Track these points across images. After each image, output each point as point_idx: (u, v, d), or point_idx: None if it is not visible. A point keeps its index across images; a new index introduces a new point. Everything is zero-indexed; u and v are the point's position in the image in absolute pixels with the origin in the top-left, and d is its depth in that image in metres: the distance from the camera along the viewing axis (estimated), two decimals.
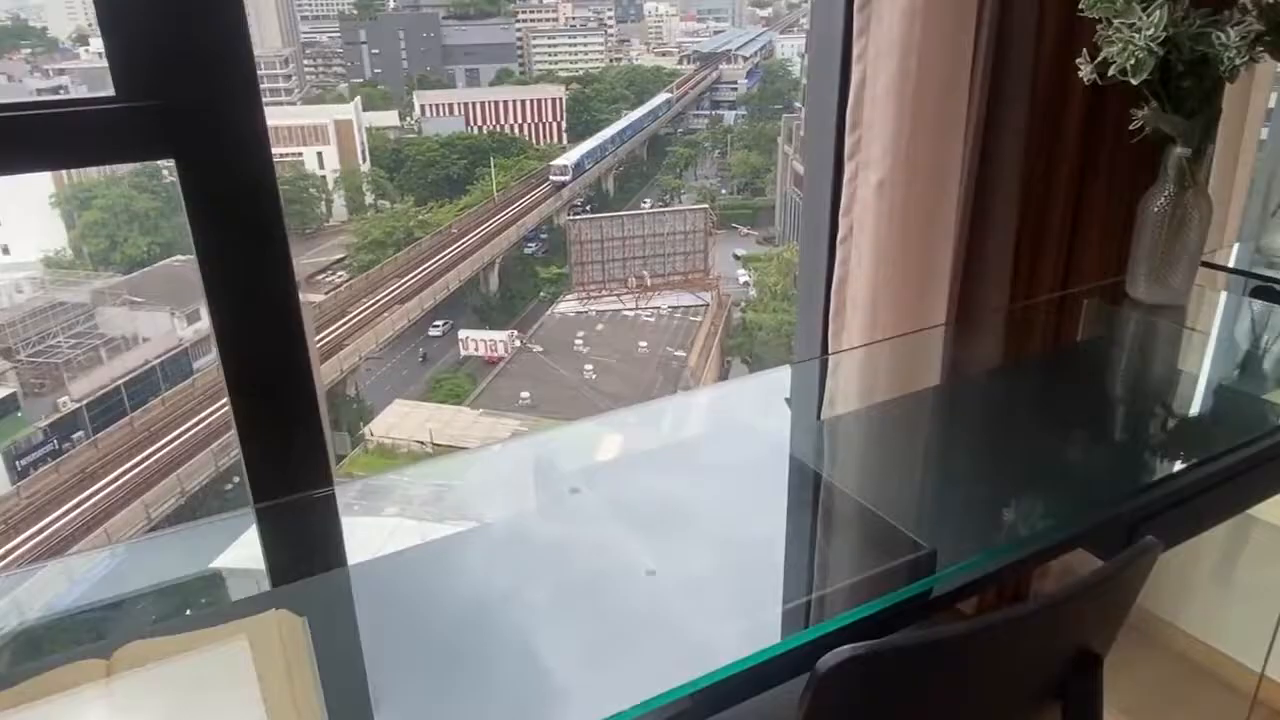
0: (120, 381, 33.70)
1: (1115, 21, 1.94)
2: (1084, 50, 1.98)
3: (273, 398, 1.81)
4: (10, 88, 68.46)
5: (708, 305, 39.31)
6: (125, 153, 1.46)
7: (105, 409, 32.30)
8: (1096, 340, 2.34)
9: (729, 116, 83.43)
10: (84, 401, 32.01)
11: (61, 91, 70.35)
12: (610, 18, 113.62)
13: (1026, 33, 2.16)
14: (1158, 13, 1.90)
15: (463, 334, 39.88)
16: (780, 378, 2.52)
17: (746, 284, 45.83)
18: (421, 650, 1.20)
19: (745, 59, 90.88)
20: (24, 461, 27.97)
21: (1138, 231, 2.20)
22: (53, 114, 1.34)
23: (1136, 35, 1.89)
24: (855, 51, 2.09)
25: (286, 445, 1.86)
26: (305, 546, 1.70)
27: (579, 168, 56.15)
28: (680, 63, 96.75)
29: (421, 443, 25.58)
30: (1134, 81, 1.95)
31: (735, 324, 42.14)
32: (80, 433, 31.01)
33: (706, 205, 51.62)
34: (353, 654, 1.22)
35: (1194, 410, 2.08)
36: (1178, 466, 1.73)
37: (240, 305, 1.69)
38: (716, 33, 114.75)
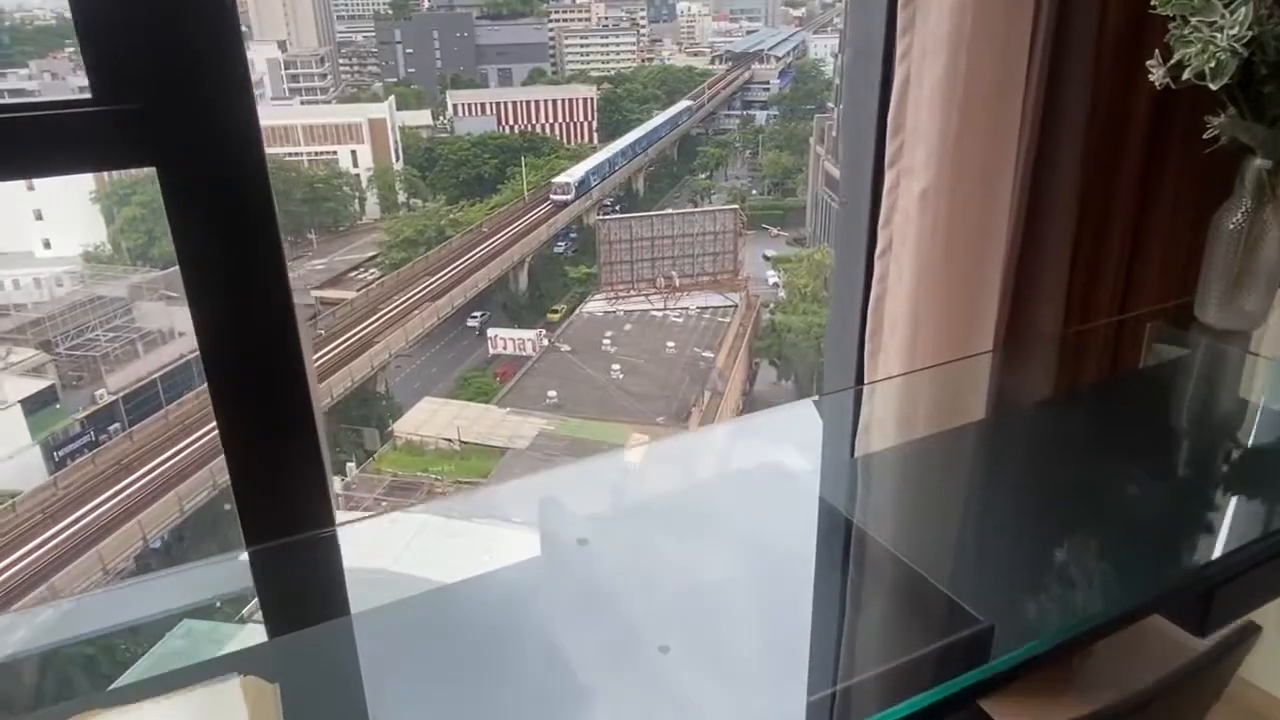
0: (156, 375, 34.23)
1: (1193, 20, 1.75)
2: (1155, 51, 1.78)
3: (266, 424, 1.68)
4: (54, 85, 70.00)
5: (736, 306, 39.05)
6: (101, 160, 1.32)
7: (141, 402, 32.82)
8: (1161, 369, 2.16)
9: (760, 117, 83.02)
10: (120, 394, 32.55)
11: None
12: (643, 17, 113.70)
13: (1087, 31, 2.00)
14: (1242, 9, 1.70)
15: (491, 332, 40.09)
16: (810, 410, 2.36)
17: (776, 285, 45.48)
18: None
19: (778, 59, 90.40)
20: (61, 453, 28.49)
21: (1209, 250, 2.01)
22: (19, 118, 1.20)
23: (1218, 35, 1.70)
24: (899, 51, 1.94)
25: (281, 473, 1.72)
26: (296, 595, 1.53)
27: (583, 185, 53.24)
28: (712, 62, 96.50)
29: (449, 440, 25.64)
30: (1214, 86, 1.76)
31: (764, 325, 41.90)
32: (116, 425, 31.53)
33: (736, 206, 51.38)
34: None
35: (1276, 451, 1.86)
36: (1260, 520, 1.53)
37: (229, 321, 1.55)
38: (749, 32, 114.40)
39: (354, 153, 61.34)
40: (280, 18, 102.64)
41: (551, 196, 52.45)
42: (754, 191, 69.32)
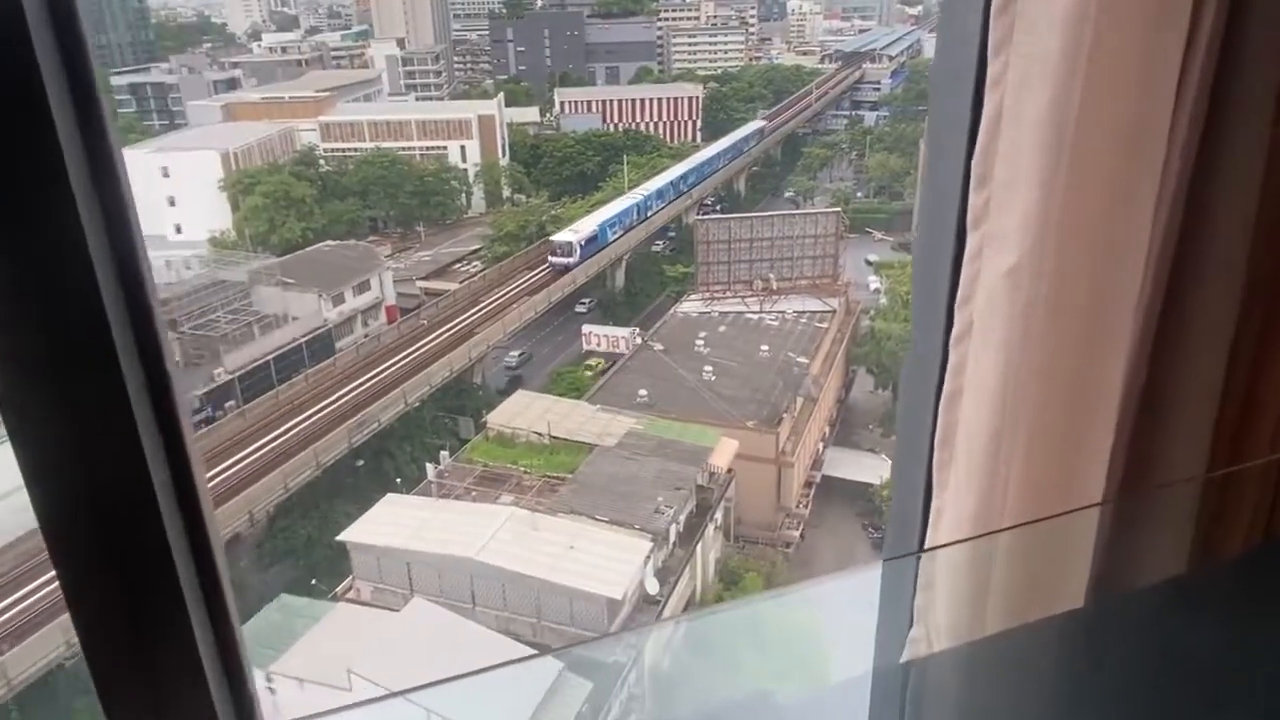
0: (270, 357, 36.04)
1: None
2: None
3: (131, 589, 1.12)
4: (191, 80, 74.24)
5: (835, 311, 38.15)
6: None
7: (255, 382, 34.59)
8: None
9: (869, 117, 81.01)
10: (237, 374, 34.38)
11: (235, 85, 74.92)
12: (752, 16, 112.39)
13: (1269, 56, 1.40)
14: None
15: (586, 329, 40.66)
16: (864, 584, 1.97)
17: (877, 291, 44.19)
18: None
19: (890, 58, 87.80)
20: None
21: None
22: None
23: None
24: (990, 75, 1.43)
25: (156, 670, 1.16)
26: None
27: (594, 241, 44.81)
28: (821, 61, 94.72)
29: (539, 434, 25.92)
30: None
31: (863, 332, 40.87)
32: (232, 402, 33.35)
33: (839, 208, 50.22)
34: None
35: None
36: None
37: (65, 443, 1.05)
38: (861, 31, 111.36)
39: (463, 148, 63.10)
40: (400, 16, 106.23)
41: (551, 258, 43.46)
42: (859, 194, 67.63)
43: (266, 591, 24.23)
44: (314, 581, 24.84)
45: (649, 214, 50.24)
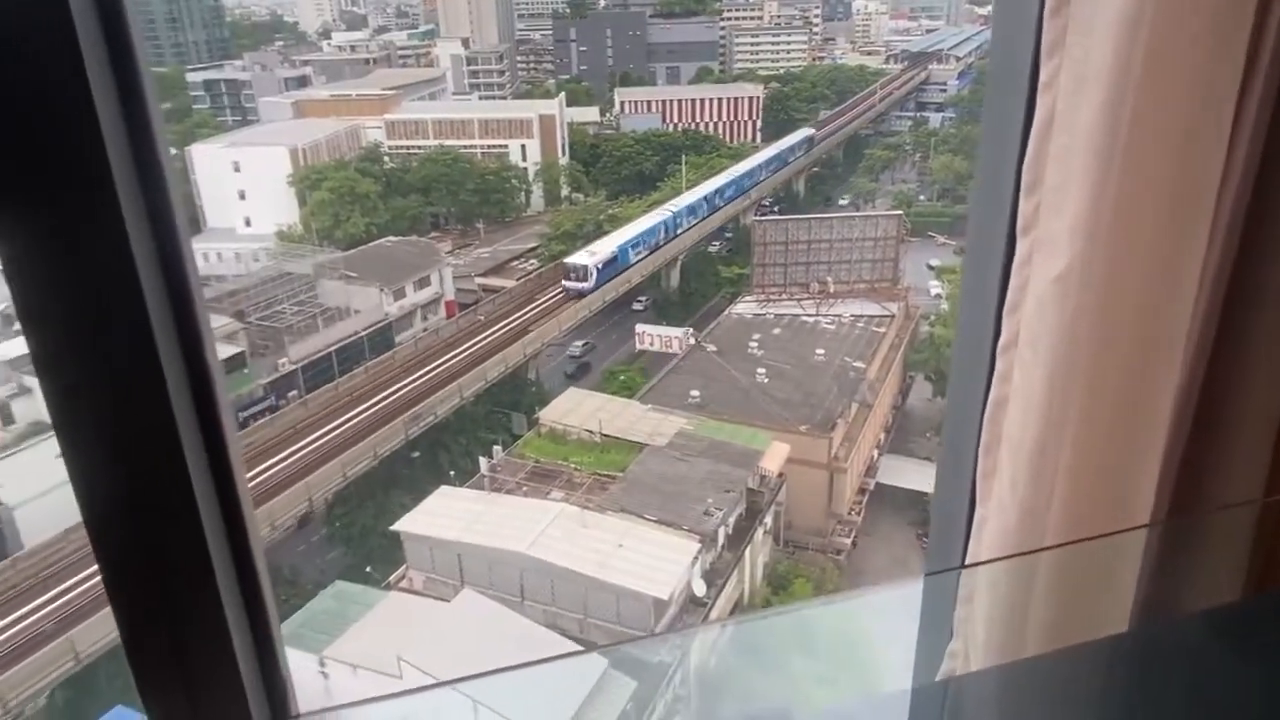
0: (332, 348, 36.96)
1: None
2: None
3: (169, 585, 1.15)
4: (263, 77, 76.39)
5: (893, 316, 37.49)
6: None
7: (317, 372, 35.48)
8: None
9: (934, 119, 79.46)
10: (300, 364, 35.33)
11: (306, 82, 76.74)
12: (816, 15, 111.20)
13: None
14: None
15: (639, 328, 40.70)
16: (907, 597, 1.91)
17: (938, 296, 43.30)
18: None
19: (958, 59, 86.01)
20: (245, 414, 31.25)
21: None
22: None
23: None
24: (1042, 78, 1.39)
25: (191, 661, 1.20)
26: None
27: (613, 263, 41.64)
28: (886, 62, 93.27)
29: (591, 431, 26.07)
30: None
31: (922, 338, 40.08)
32: (294, 392, 34.27)
33: (901, 211, 49.31)
34: None
35: None
36: None
37: (108, 442, 1.07)
38: (929, 31, 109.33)
39: (524, 147, 63.82)
40: (465, 16, 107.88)
41: (565, 282, 40.21)
42: (921, 197, 66.44)
43: (322, 578, 24.86)
44: (368, 569, 25.40)
45: (678, 231, 47.34)
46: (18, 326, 1.00)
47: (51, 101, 0.89)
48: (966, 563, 1.54)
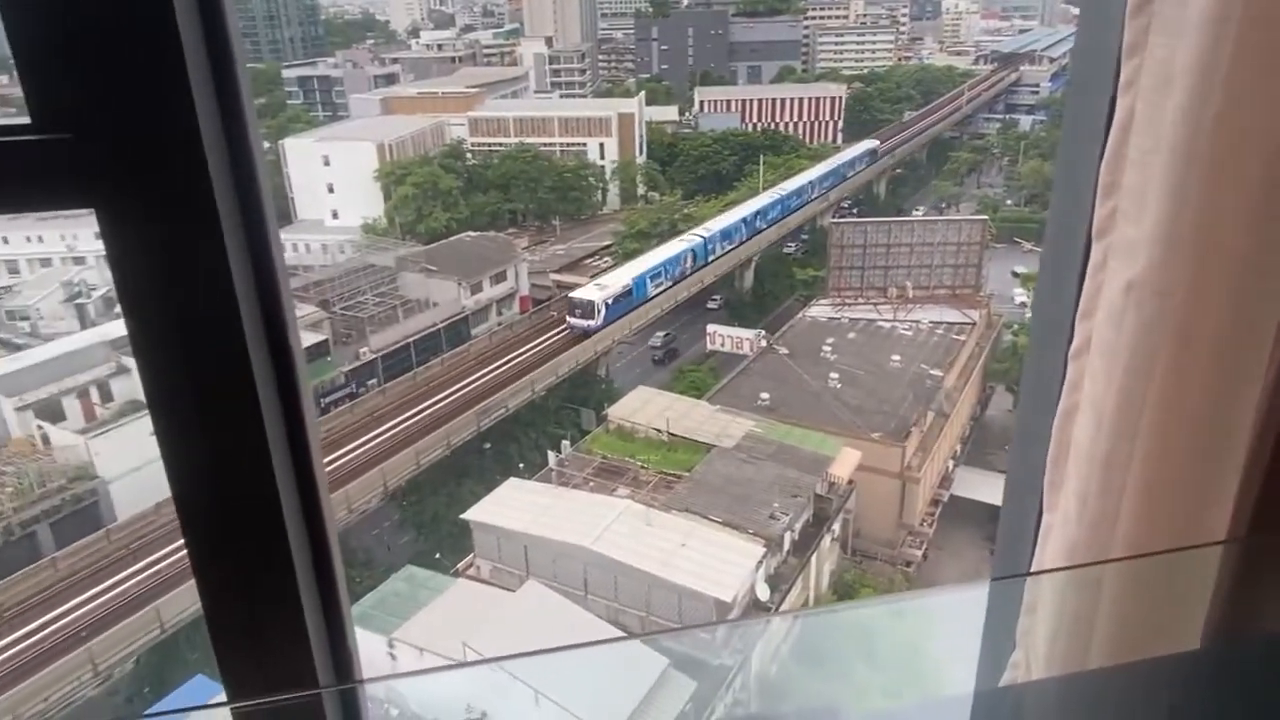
0: (410, 339, 37.96)
1: None
2: None
3: (249, 563, 1.22)
4: (354, 74, 78.73)
5: (974, 324, 36.45)
6: (31, 198, 1.02)
7: (395, 362, 36.50)
8: None
9: (1025, 122, 76.92)
10: (380, 354, 36.41)
11: (394, 80, 78.68)
12: (904, 14, 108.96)
13: None
14: None
15: (710, 328, 40.60)
16: (973, 600, 1.87)
17: (1023, 305, 41.91)
18: None
19: (1051, 60, 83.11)
20: (326, 400, 32.35)
21: None
22: None
23: None
24: (1122, 78, 1.34)
25: (265, 633, 1.26)
26: None
27: (626, 298, 37.55)
28: (976, 62, 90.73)
29: (658, 430, 26.12)
30: None
31: (1004, 347, 38.87)
32: (374, 380, 35.33)
33: (986, 216, 47.90)
34: None
35: None
36: None
37: (196, 423, 1.13)
38: (1021, 31, 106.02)
39: (602, 145, 64.30)
40: (549, 15, 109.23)
41: (570, 318, 36.38)
42: (1008, 202, 64.36)
43: (394, 561, 25.57)
44: (438, 556, 25.99)
45: (709, 259, 43.43)
46: (118, 309, 1.06)
47: (153, 98, 0.95)
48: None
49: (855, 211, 58.72)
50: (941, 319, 36.18)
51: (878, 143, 63.02)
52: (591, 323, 35.66)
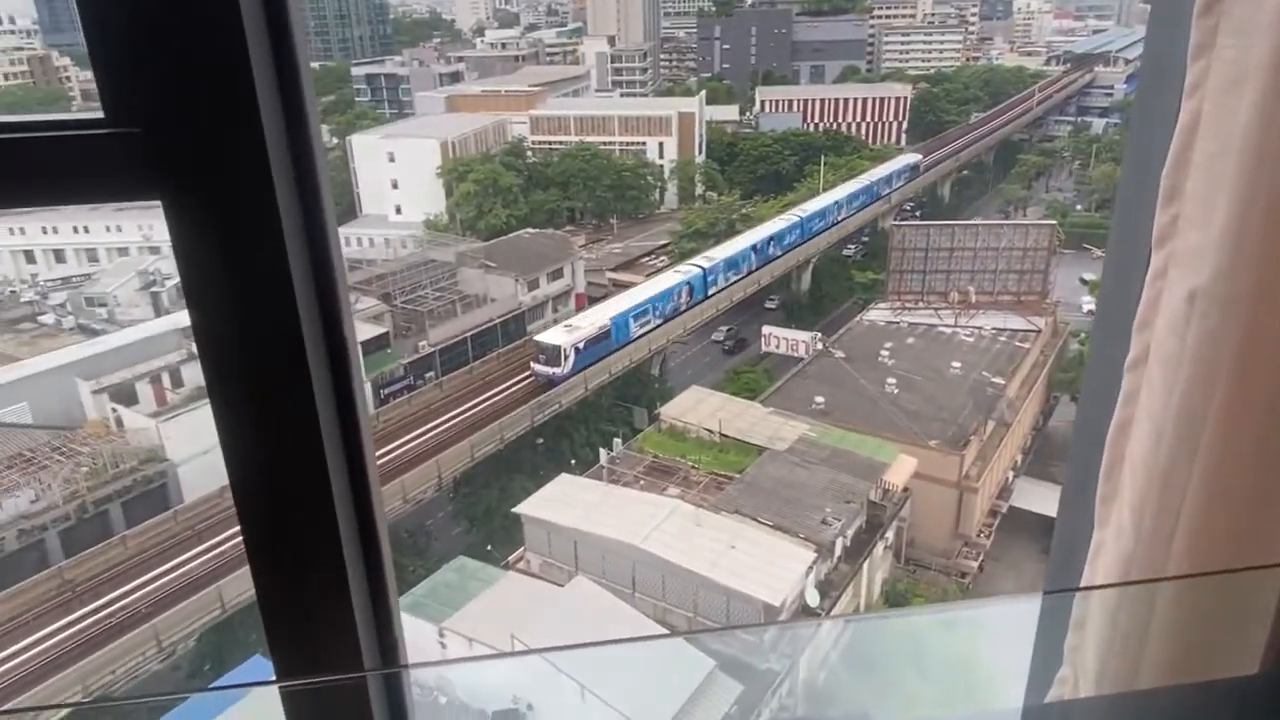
0: (468, 334, 38.53)
1: None
2: None
3: (300, 549, 1.25)
4: (420, 72, 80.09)
5: (1039, 332, 35.54)
6: (103, 188, 1.04)
7: (453, 356, 37.09)
8: None
9: (1097, 125, 74.54)
10: (438, 347, 37.03)
11: (459, 78, 79.82)
12: (973, 14, 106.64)
13: None
14: None
15: (766, 330, 40.31)
16: (1024, 613, 1.82)
17: (1091, 313, 40.47)
18: None
19: (1126, 61, 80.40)
20: (386, 391, 33.04)
21: None
22: (8, 140, 0.99)
23: None
24: (1189, 80, 1.29)
25: (315, 617, 1.30)
26: None
27: (601, 341, 32.85)
28: (1047, 63, 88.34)
29: (710, 431, 26.05)
30: None
31: (1070, 356, 37.78)
32: (431, 373, 35.95)
33: (1054, 221, 46.51)
34: None
35: None
36: None
37: (253, 412, 1.17)
38: (1096, 32, 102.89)
39: (661, 145, 64.38)
40: (612, 14, 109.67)
41: (535, 365, 32.14)
42: (1078, 207, 62.54)
43: (446, 551, 25.98)
44: (489, 548, 26.32)
45: (708, 293, 38.44)
46: None
47: (219, 95, 0.99)
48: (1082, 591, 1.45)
49: (918, 214, 57.70)
50: (1005, 326, 35.34)
51: (919, 157, 59.43)
52: (557, 370, 31.24)
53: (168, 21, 0.97)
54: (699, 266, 38.66)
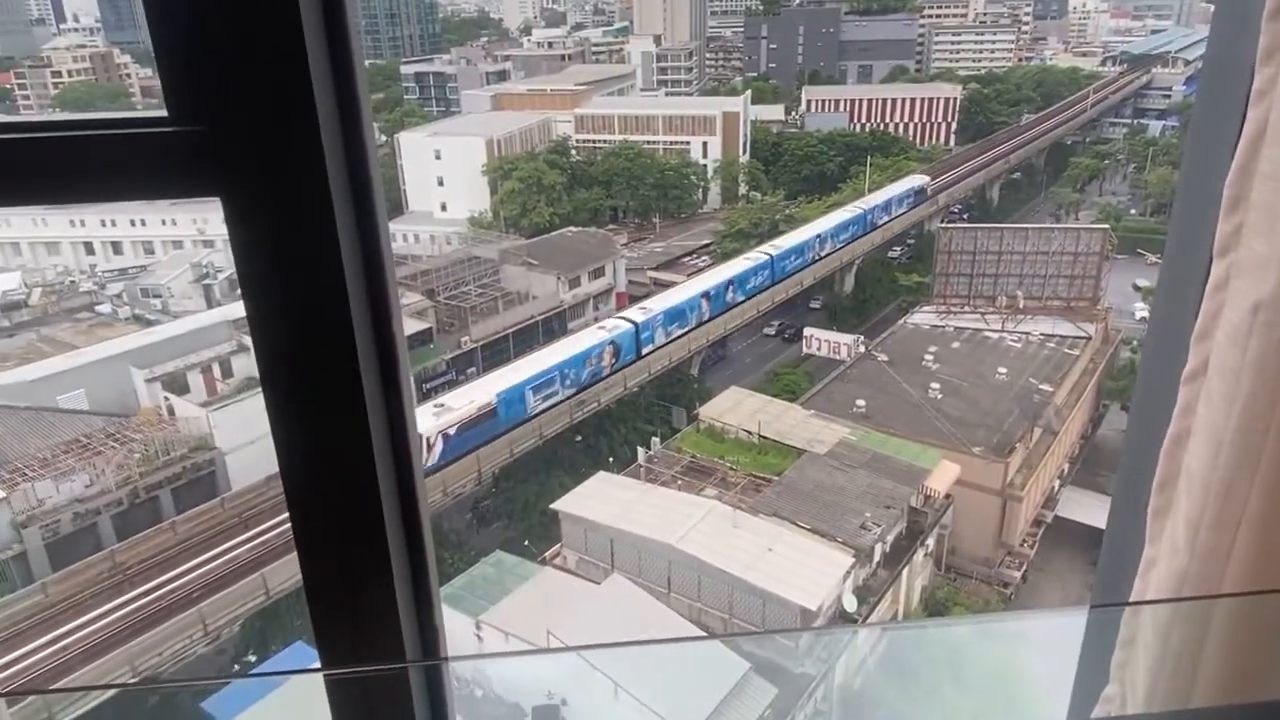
0: (509, 331, 38.89)
1: None
2: None
3: (347, 538, 1.29)
4: (467, 71, 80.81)
5: (1089, 338, 34.73)
6: (165, 185, 1.08)
7: (494, 352, 37.47)
8: None
9: (1154, 127, 72.59)
10: (479, 343, 37.44)
11: (505, 76, 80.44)
12: (1027, 13, 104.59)
13: None
14: None
15: (808, 331, 40.01)
16: (1069, 627, 1.78)
17: (1144, 320, 39.47)
18: None
19: (1186, 63, 78.18)
20: (428, 386, 33.50)
21: None
22: (75, 137, 1.03)
23: None
24: (1256, 85, 1.24)
25: (359, 605, 1.34)
26: None
27: (485, 422, 26.47)
28: (1103, 64, 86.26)
29: (749, 432, 25.92)
30: None
31: (1121, 364, 36.90)
32: (473, 369, 36.34)
33: (1107, 225, 45.39)
34: None
35: None
36: None
37: (304, 403, 1.20)
38: (1154, 32, 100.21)
39: (705, 144, 64.25)
40: (659, 13, 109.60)
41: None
42: (1132, 211, 60.97)
43: (484, 545, 26.21)
44: (526, 543, 26.50)
45: (643, 352, 32.38)
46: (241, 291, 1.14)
47: (278, 95, 1.01)
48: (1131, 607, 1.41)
49: (965, 217, 56.76)
50: (1054, 331, 34.60)
51: (926, 179, 53.99)
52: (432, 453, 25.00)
53: (230, 23, 0.99)
54: (630, 321, 32.73)
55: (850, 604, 19.91)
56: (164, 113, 1.02)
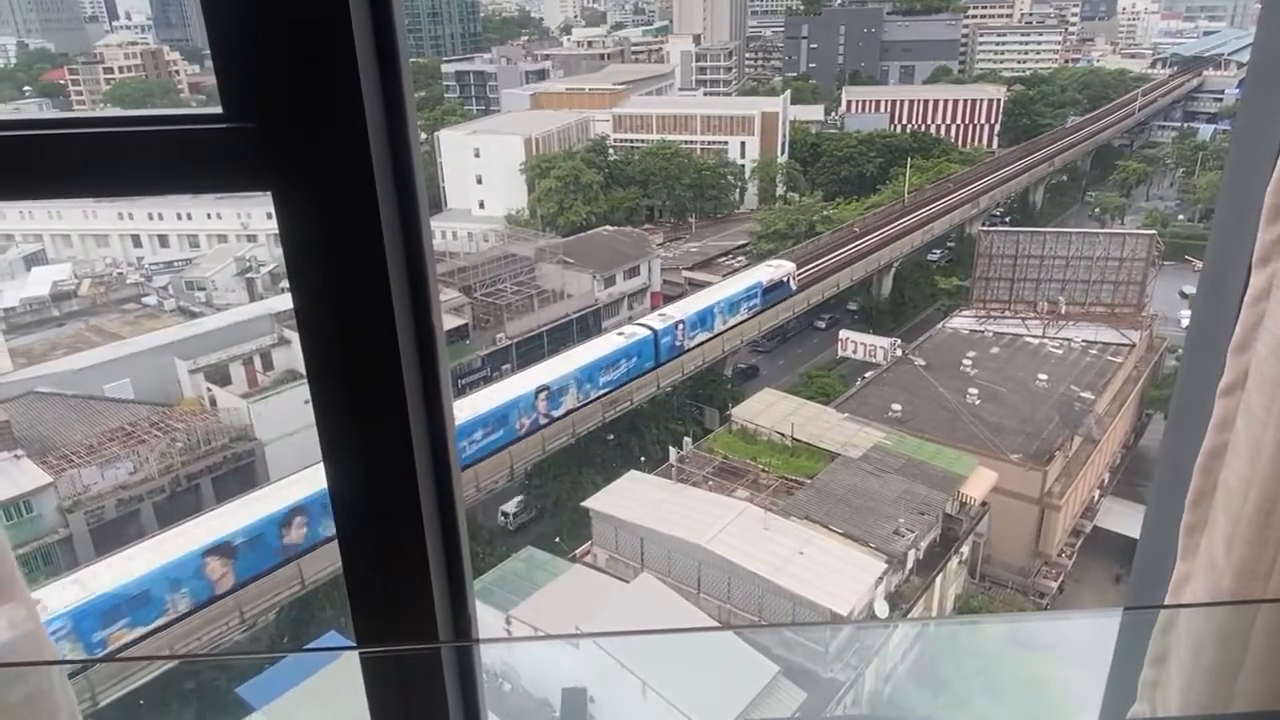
0: (544, 328, 39.11)
1: None
2: None
3: (386, 526, 1.33)
4: (507, 69, 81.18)
5: (1133, 346, 34.02)
6: (218, 180, 1.12)
7: (528, 349, 37.73)
8: None
9: (1205, 131, 70.80)
10: (514, 340, 37.71)
11: (545, 75, 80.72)
12: (1074, 14, 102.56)
13: None
14: None
15: (843, 334, 39.68)
16: (1102, 628, 1.75)
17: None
18: None
19: (1240, 65, 76.19)
20: (463, 382, 33.83)
21: None
22: (136, 132, 1.06)
23: None
24: None
25: (395, 591, 1.37)
26: None
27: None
28: (1152, 66, 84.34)
29: (782, 434, 25.77)
30: None
31: (1165, 372, 36.05)
32: (507, 365, 36.61)
33: (1154, 231, 44.42)
34: None
35: None
36: None
37: (348, 394, 1.23)
38: (1207, 33, 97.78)
39: (743, 144, 63.97)
40: (699, 13, 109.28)
41: None
42: (1180, 216, 59.57)
43: (514, 541, 26.41)
44: (557, 540, 26.64)
45: (547, 419, 27.68)
46: (284, 284, 1.17)
47: (327, 93, 1.05)
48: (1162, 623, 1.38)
49: (1007, 221, 55.89)
50: (1096, 338, 33.93)
51: (792, 266, 40.25)
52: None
53: (282, 25, 1.03)
54: (546, 380, 28.28)
55: (882, 610, 19.72)
56: (219, 109, 1.06)
